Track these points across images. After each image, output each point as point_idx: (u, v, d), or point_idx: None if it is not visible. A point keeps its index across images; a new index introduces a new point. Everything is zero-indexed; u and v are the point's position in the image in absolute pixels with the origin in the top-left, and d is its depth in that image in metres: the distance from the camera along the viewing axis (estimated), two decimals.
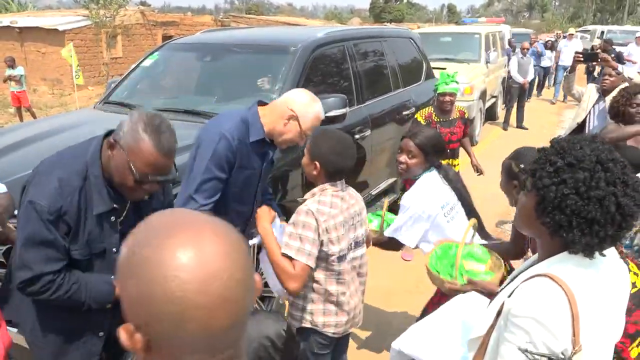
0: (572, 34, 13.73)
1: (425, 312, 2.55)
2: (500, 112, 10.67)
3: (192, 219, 0.67)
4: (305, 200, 2.10)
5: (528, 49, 10.54)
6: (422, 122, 4.29)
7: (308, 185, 2.91)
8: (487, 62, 9.29)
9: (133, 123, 1.66)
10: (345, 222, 2.10)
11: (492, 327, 1.31)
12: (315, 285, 2.10)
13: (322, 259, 2.05)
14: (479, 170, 4.52)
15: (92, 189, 1.72)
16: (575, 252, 1.25)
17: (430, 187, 2.44)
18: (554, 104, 13.13)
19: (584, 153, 1.23)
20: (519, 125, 10.02)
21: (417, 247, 2.48)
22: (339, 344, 2.32)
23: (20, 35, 15.33)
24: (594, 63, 4.76)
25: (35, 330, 1.89)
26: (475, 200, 2.63)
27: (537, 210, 1.27)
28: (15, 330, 1.98)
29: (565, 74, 5.05)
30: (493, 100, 10.32)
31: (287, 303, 2.78)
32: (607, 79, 4.10)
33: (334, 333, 2.16)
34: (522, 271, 1.42)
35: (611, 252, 1.32)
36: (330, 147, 2.05)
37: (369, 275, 2.36)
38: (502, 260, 2.10)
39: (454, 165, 4.29)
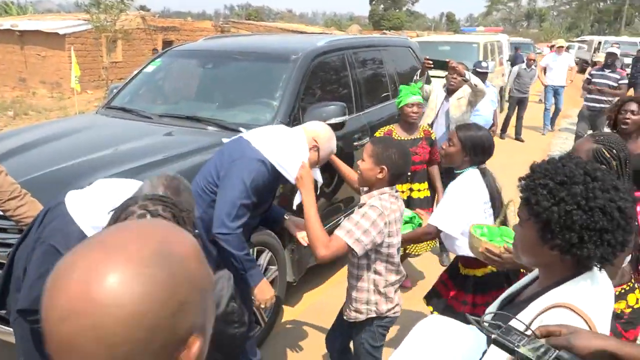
0: (562, 47, 10.32)
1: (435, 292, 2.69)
2: (498, 120, 10.71)
3: (119, 240, 0.57)
4: (364, 203, 2.22)
5: (534, 60, 9.73)
6: None
7: None
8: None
9: (153, 187, 1.70)
10: (401, 216, 2.30)
11: None
12: (376, 278, 2.27)
13: (383, 252, 2.22)
14: None
15: None
16: (588, 267, 1.25)
17: (473, 182, 2.51)
18: (544, 135, 10.39)
19: (571, 169, 1.24)
20: (517, 137, 9.82)
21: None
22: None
23: (20, 39, 15.38)
24: (444, 70, 4.62)
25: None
26: None
27: (543, 236, 1.25)
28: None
29: (415, 77, 4.46)
30: None
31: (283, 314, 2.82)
32: (454, 80, 4.48)
33: (394, 313, 2.36)
34: (520, 298, 1.40)
35: (602, 272, 1.32)
36: (397, 152, 2.24)
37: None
38: None
39: (418, 191, 3.85)
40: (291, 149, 2.40)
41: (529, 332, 1.10)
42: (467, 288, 2.54)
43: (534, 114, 10.62)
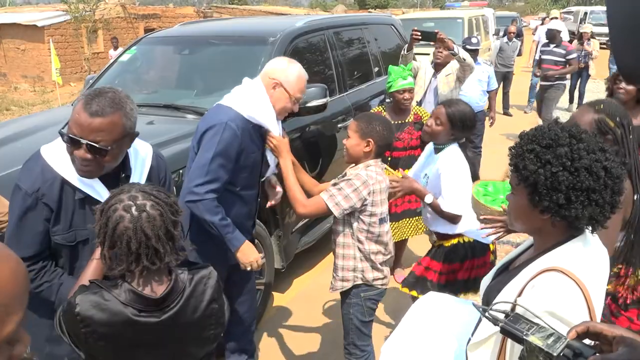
0: (556, 18, 9.71)
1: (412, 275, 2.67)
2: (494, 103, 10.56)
3: None
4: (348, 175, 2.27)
5: (514, 33, 9.58)
6: None
7: None
8: None
9: (79, 98, 1.70)
10: (387, 188, 2.33)
11: None
12: (359, 245, 2.31)
13: (365, 221, 2.26)
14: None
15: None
16: (580, 228, 1.27)
17: (461, 157, 2.52)
18: (526, 113, 9.92)
19: (556, 132, 1.26)
20: (505, 112, 9.71)
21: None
22: None
23: None
24: (432, 42, 4.48)
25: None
26: None
27: (532, 200, 1.28)
28: None
29: (403, 52, 4.32)
30: None
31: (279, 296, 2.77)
32: (440, 53, 4.44)
33: (382, 285, 2.39)
34: (514, 265, 1.42)
35: (595, 237, 1.34)
36: (381, 124, 2.28)
37: None
38: None
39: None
40: (253, 98, 2.29)
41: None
42: (438, 257, 2.59)
43: (520, 88, 10.56)
